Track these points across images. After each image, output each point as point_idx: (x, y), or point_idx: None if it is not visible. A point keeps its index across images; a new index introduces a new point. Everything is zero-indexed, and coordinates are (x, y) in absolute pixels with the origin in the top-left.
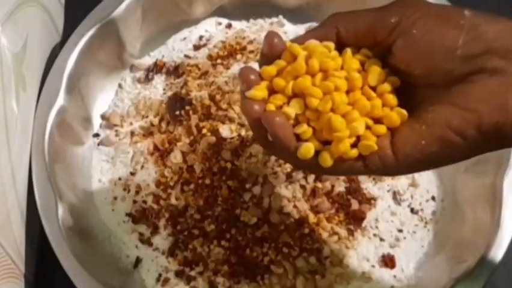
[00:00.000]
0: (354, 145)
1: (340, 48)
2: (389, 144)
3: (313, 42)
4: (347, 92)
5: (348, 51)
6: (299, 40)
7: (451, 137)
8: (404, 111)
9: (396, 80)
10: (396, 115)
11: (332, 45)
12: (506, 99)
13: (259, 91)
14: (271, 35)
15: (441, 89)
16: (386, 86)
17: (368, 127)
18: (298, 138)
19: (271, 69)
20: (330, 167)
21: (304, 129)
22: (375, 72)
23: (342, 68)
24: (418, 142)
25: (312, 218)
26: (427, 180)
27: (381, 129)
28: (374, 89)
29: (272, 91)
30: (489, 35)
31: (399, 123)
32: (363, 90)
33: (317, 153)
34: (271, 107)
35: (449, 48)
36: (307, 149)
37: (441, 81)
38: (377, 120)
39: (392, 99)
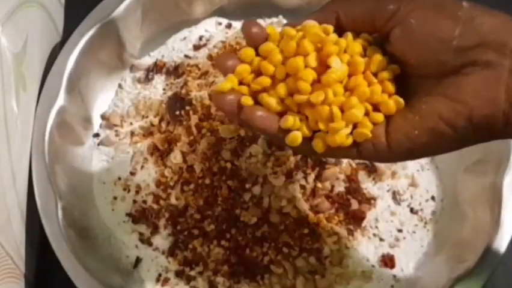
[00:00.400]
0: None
1: (339, 33)
2: (384, 132)
3: (310, 23)
4: (349, 76)
5: (349, 35)
6: (297, 24)
7: (442, 128)
8: (401, 100)
9: (396, 67)
10: (393, 103)
11: (330, 27)
12: (498, 92)
13: (226, 83)
14: (247, 26)
15: (434, 80)
16: (387, 73)
17: (366, 113)
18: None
19: (249, 51)
20: (323, 152)
21: (291, 123)
22: (377, 58)
23: (345, 52)
24: (411, 132)
25: (312, 218)
26: (427, 180)
27: (379, 117)
28: (374, 75)
29: (257, 74)
30: (484, 28)
31: (395, 111)
32: (365, 75)
33: (309, 138)
34: (246, 101)
35: (444, 39)
36: (295, 137)
37: (435, 72)
38: (374, 108)
39: (391, 86)
